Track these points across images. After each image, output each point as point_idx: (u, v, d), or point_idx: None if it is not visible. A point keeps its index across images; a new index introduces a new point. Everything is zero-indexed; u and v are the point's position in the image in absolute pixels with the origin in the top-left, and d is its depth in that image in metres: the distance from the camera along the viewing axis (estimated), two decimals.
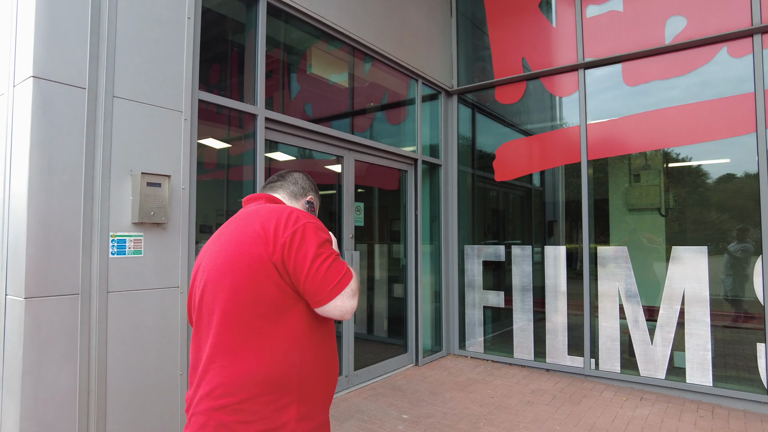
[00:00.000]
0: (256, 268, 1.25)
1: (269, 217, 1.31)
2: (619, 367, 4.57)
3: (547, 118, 5.29)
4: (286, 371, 1.24)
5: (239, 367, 1.23)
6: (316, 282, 1.25)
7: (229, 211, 3.83)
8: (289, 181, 1.62)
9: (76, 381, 2.41)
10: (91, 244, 2.50)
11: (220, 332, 1.26)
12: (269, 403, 1.23)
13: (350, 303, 1.29)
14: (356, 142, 4.47)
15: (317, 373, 1.31)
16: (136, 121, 2.73)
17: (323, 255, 1.28)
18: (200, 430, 1.24)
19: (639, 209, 4.69)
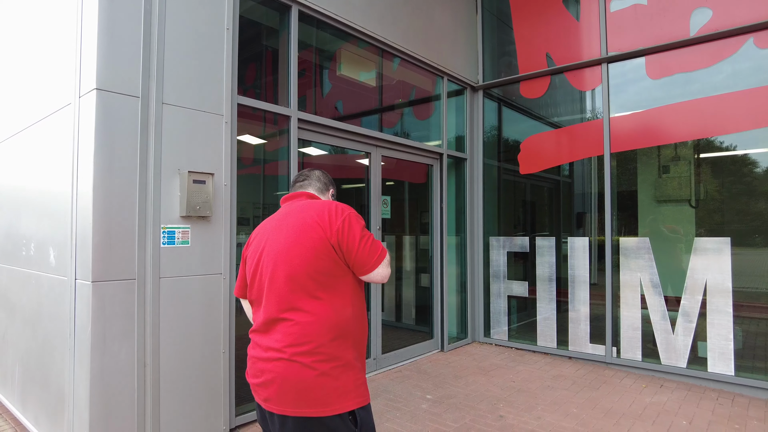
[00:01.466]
0: (319, 248, 1.63)
1: (322, 209, 1.70)
2: (641, 355, 4.67)
3: (571, 112, 5.37)
4: (345, 321, 1.64)
5: (312, 321, 1.60)
6: (364, 255, 1.67)
7: (265, 204, 4.15)
8: (314, 179, 1.98)
9: (134, 355, 2.77)
10: (145, 235, 2.84)
11: (290, 298, 1.62)
12: (337, 346, 1.61)
13: (388, 270, 1.73)
14: (382, 138, 4.70)
15: (361, 323, 1.73)
16: (183, 124, 3.04)
17: (366, 236, 1.69)
18: (286, 371, 1.58)
19: (668, 201, 4.74)
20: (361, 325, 1.73)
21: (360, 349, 1.71)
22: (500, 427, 3.44)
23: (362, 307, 1.75)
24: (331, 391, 1.57)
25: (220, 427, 3.17)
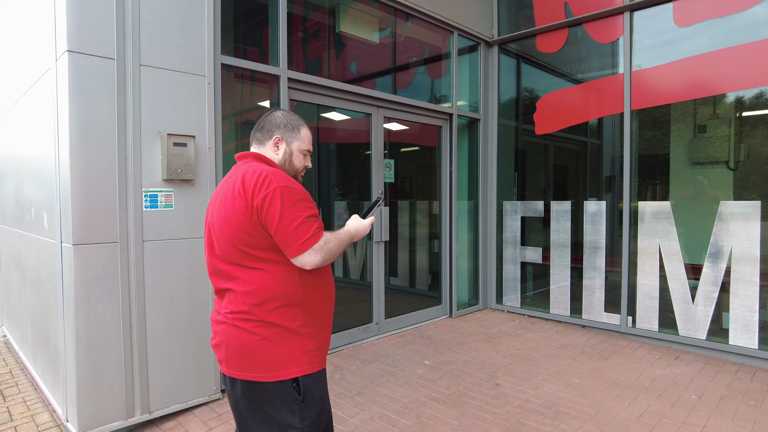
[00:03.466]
0: (243, 222, 1.52)
1: (248, 180, 1.54)
2: (657, 325, 4.43)
3: (590, 68, 4.99)
4: (291, 290, 1.57)
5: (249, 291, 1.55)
6: (284, 238, 1.52)
7: None
8: (258, 128, 1.78)
9: (119, 317, 2.81)
10: (126, 198, 2.84)
11: (225, 269, 1.60)
12: (281, 314, 1.56)
13: (317, 258, 1.55)
14: (384, 98, 4.52)
15: (316, 291, 1.64)
16: (162, 86, 2.98)
17: (291, 216, 1.52)
18: (230, 334, 1.58)
19: (703, 162, 4.37)
20: (316, 293, 1.64)
21: (314, 317, 1.63)
22: (494, 395, 3.35)
23: (322, 275, 1.66)
24: (273, 357, 1.55)
25: (211, 387, 3.22)
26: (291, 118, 1.76)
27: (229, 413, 3.06)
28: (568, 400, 3.29)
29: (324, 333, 1.69)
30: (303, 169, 1.80)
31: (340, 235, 1.65)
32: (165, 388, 3.00)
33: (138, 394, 2.87)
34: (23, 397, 3.47)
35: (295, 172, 1.76)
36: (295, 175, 1.76)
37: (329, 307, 1.72)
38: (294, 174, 1.75)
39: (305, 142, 1.77)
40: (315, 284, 1.63)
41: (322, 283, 1.67)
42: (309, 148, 1.78)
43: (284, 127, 1.74)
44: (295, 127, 1.75)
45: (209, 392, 3.21)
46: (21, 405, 3.35)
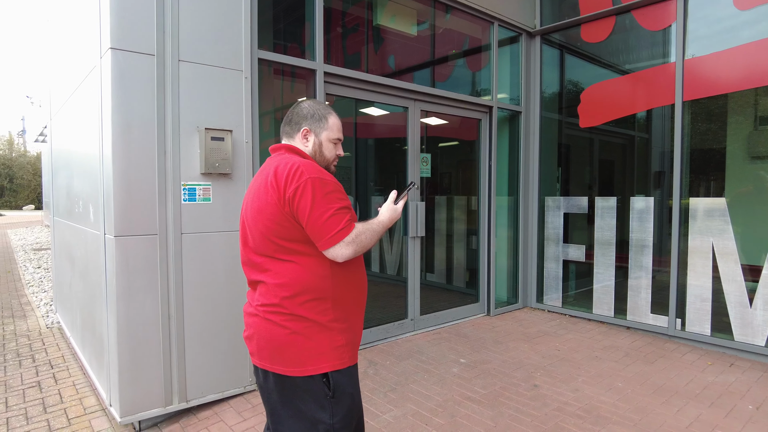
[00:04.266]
0: (276, 214, 1.52)
1: (281, 172, 1.54)
2: (710, 329, 4.18)
3: (637, 57, 4.73)
4: (322, 283, 1.55)
5: (280, 283, 1.55)
6: (315, 231, 1.51)
7: None
8: (286, 121, 1.75)
9: (158, 307, 2.89)
10: (165, 192, 2.90)
11: (258, 261, 1.60)
12: (311, 307, 1.55)
13: (344, 251, 1.53)
14: (421, 91, 4.44)
15: (347, 286, 1.61)
16: (201, 81, 3.03)
17: (322, 208, 1.50)
18: (261, 327, 1.59)
19: (765, 157, 4.07)
20: (348, 287, 1.62)
21: (345, 312, 1.60)
22: (531, 396, 3.25)
23: (353, 269, 1.63)
24: (303, 351, 1.54)
25: (246, 378, 3.27)
26: (318, 108, 1.71)
27: (263, 405, 3.10)
28: (610, 404, 3.14)
29: (355, 328, 1.65)
30: (335, 159, 1.75)
31: (373, 225, 1.61)
32: (201, 378, 3.06)
33: (176, 383, 2.94)
34: (73, 381, 3.63)
35: (327, 163, 1.72)
36: (327, 166, 1.71)
37: (361, 301, 1.69)
38: (326, 165, 1.72)
39: (334, 131, 1.71)
40: (346, 278, 1.61)
41: (354, 278, 1.64)
42: (339, 137, 1.72)
43: (311, 118, 1.70)
44: (323, 116, 1.70)
45: (244, 383, 3.26)
46: (71, 388, 3.50)
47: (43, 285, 7.60)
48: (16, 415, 3.11)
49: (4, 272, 9.26)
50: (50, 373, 3.81)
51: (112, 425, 2.92)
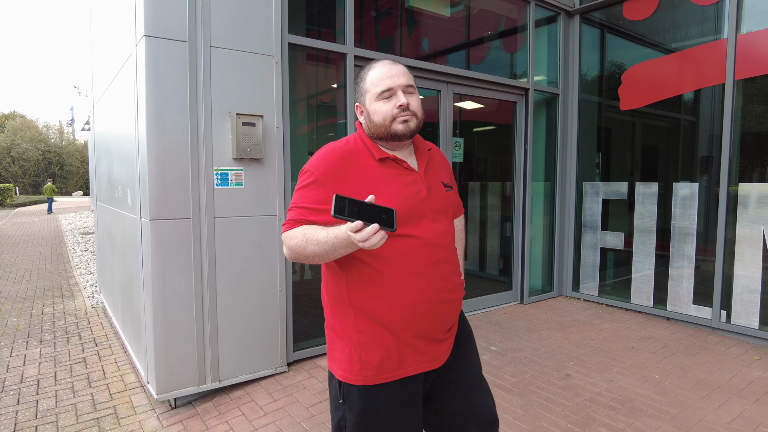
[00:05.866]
0: None
1: None
2: (758, 322, 3.97)
3: (684, 35, 4.47)
4: (338, 289, 1.42)
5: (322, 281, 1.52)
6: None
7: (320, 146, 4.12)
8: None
9: (191, 289, 2.96)
10: (198, 176, 2.96)
11: None
12: (336, 313, 1.45)
13: (285, 249, 1.37)
14: (453, 74, 4.35)
15: (368, 293, 1.36)
16: (232, 67, 3.06)
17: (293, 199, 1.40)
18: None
19: None
20: (374, 297, 1.36)
21: (372, 324, 1.37)
22: (563, 386, 3.18)
23: (377, 276, 1.35)
24: (329, 344, 1.50)
25: (278, 360, 3.33)
26: (358, 76, 1.47)
27: (293, 386, 3.16)
28: (646, 396, 3.04)
29: (386, 344, 1.37)
30: (395, 114, 1.36)
31: (319, 233, 1.24)
32: (234, 359, 3.14)
33: (209, 363, 3.03)
34: (115, 359, 3.80)
35: (386, 127, 1.38)
36: (388, 131, 1.38)
37: (401, 316, 1.36)
38: (385, 129, 1.38)
39: (375, 84, 1.38)
40: (369, 286, 1.36)
41: (384, 286, 1.35)
42: (384, 88, 1.37)
43: (355, 92, 1.48)
44: (361, 80, 1.44)
45: (275, 365, 3.33)
46: (113, 365, 3.67)
47: (90, 267, 7.97)
48: (63, 388, 3.28)
49: (55, 255, 9.75)
50: (95, 350, 3.99)
51: (150, 401, 3.04)
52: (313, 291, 4.25)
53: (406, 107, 1.37)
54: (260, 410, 2.88)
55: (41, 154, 42.42)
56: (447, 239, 1.46)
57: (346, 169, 1.37)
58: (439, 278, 1.39)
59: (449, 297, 1.43)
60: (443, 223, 1.46)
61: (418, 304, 1.37)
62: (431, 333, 1.42)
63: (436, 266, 1.39)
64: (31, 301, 5.74)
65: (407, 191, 1.39)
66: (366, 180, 1.36)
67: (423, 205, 1.40)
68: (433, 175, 1.50)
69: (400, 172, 1.42)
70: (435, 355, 1.44)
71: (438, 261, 1.40)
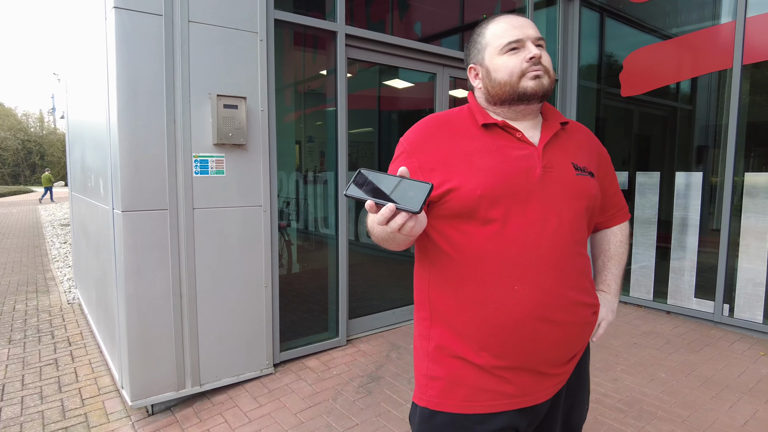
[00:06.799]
0: None
1: None
2: (762, 316, 3.85)
3: (689, 19, 4.29)
4: (425, 292, 1.19)
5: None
6: None
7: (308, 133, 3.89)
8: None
9: (169, 285, 2.73)
10: (175, 163, 2.71)
11: None
12: (423, 325, 1.20)
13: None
14: (450, 56, 4.12)
15: (452, 297, 1.11)
16: (212, 44, 2.80)
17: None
18: None
19: None
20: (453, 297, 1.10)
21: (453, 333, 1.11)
22: None
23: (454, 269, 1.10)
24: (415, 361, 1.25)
25: (263, 361, 3.12)
26: (473, 32, 1.23)
27: (280, 390, 2.94)
28: (654, 397, 2.89)
29: (458, 363, 1.10)
30: (524, 69, 1.10)
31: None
32: (216, 361, 2.91)
33: (189, 366, 2.80)
34: (89, 359, 3.55)
35: (513, 85, 1.11)
36: (515, 89, 1.11)
37: (479, 330, 1.08)
38: (512, 87, 1.11)
39: (497, 37, 1.13)
40: (448, 282, 1.11)
41: (464, 285, 1.08)
42: (511, 39, 1.11)
43: (468, 50, 1.23)
44: (478, 35, 1.19)
45: (261, 366, 3.11)
46: (86, 367, 3.42)
47: (68, 260, 7.64)
48: (30, 393, 3.03)
49: (32, 247, 9.39)
50: (68, 350, 3.74)
51: (125, 407, 2.81)
52: (302, 285, 4.03)
53: (538, 60, 1.10)
54: (244, 417, 2.66)
55: (21, 144, 41.39)
56: (567, 238, 1.09)
57: (435, 137, 1.14)
58: (543, 289, 1.05)
59: (556, 317, 1.07)
60: (565, 216, 1.09)
61: (504, 319, 1.05)
62: (522, 361, 1.08)
63: (540, 271, 1.05)
64: (3, 297, 5.44)
65: (511, 166, 1.07)
66: (459, 150, 1.10)
67: (533, 187, 1.07)
68: (560, 153, 1.14)
69: (510, 143, 1.12)
70: (527, 391, 1.10)
71: (543, 264, 1.05)
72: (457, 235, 1.08)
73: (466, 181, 1.05)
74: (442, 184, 1.07)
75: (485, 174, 1.05)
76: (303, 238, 4.25)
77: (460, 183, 1.05)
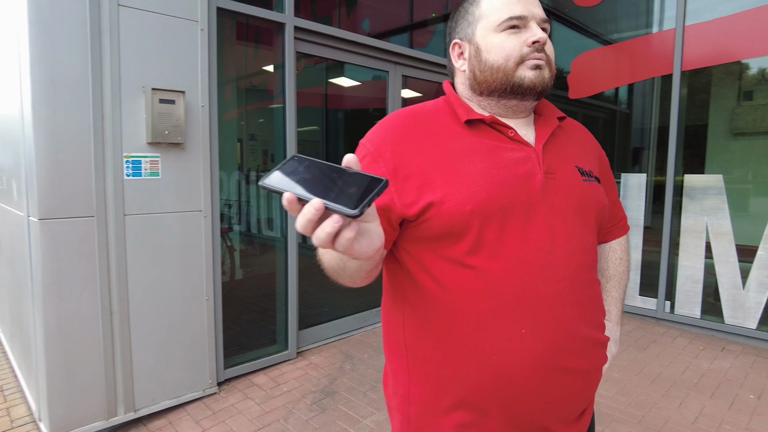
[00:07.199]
0: None
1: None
2: (700, 312, 4.01)
3: (636, 24, 4.42)
4: (390, 328, 0.97)
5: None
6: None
7: (251, 132, 3.65)
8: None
9: (97, 301, 2.42)
10: (104, 165, 2.41)
11: None
12: (391, 375, 0.99)
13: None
14: (403, 54, 4.00)
15: (437, 346, 0.87)
16: (146, 32, 2.51)
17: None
18: None
19: (748, 134, 3.92)
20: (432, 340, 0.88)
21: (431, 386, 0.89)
22: None
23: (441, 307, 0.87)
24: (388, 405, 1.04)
25: (206, 380, 2.86)
26: (460, 6, 1.01)
27: (225, 411, 2.70)
28: (609, 398, 2.90)
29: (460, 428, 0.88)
30: (524, 54, 0.90)
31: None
32: (153, 383, 2.63)
33: (121, 390, 2.50)
34: (2, 385, 3.13)
35: (508, 72, 0.90)
36: (509, 78, 0.90)
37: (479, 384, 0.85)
38: (506, 75, 0.90)
39: (496, 9, 0.91)
40: (432, 323, 0.88)
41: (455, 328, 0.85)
42: (513, 14, 0.90)
43: (454, 22, 1.00)
44: (470, 3, 0.97)
45: (203, 386, 2.85)
46: None
47: None
48: None
49: None
50: None
51: None
52: (245, 292, 3.77)
53: (541, 46, 0.90)
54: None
55: None
56: (580, 261, 0.88)
57: (408, 136, 0.89)
58: (558, 330, 0.84)
59: (575, 364, 0.86)
60: (576, 234, 0.89)
61: (508, 373, 0.83)
62: (528, 421, 0.86)
63: (552, 307, 0.84)
64: None
65: (507, 172, 0.86)
66: (440, 152, 0.87)
67: (535, 198, 0.86)
68: (561, 154, 0.95)
69: (501, 143, 0.90)
70: None
71: (556, 298, 0.84)
72: (442, 264, 0.85)
73: (452, 193, 0.83)
74: (419, 197, 0.84)
75: (476, 183, 0.84)
76: (247, 242, 3.99)
77: (444, 195, 0.83)
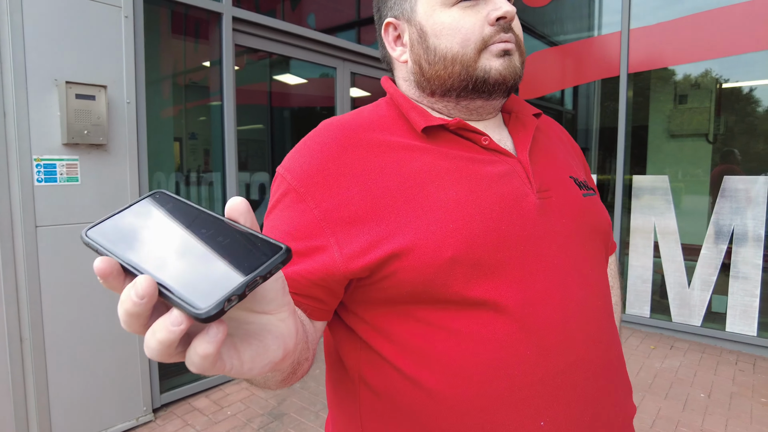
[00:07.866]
0: None
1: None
2: (649, 311, 4.08)
3: (583, 26, 4.46)
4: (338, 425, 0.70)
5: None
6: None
7: (191, 131, 3.37)
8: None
9: (4, 328, 2.09)
10: (8, 169, 2.08)
11: None
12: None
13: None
14: (352, 50, 3.82)
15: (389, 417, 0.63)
16: (59, 17, 2.20)
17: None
18: None
19: (682, 135, 4.05)
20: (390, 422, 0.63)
21: None
22: None
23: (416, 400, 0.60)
24: None
25: (140, 408, 2.56)
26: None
27: None
28: None
29: None
30: (486, 36, 0.64)
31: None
32: (75, 416, 2.31)
33: (35, 428, 2.18)
34: None
35: (467, 63, 0.65)
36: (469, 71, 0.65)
37: None
38: (465, 66, 0.65)
39: None
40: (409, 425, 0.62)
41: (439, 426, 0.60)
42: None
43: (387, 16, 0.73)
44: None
45: (137, 414, 2.55)
46: None
47: None
48: None
49: None
50: None
51: None
52: None
53: (508, 24, 0.65)
54: None
55: None
56: (598, 308, 0.65)
57: (345, 159, 0.63)
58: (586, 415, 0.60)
59: None
60: (587, 271, 0.66)
61: None
62: None
63: (577, 383, 0.59)
64: None
65: (491, 196, 0.62)
66: (392, 177, 0.61)
67: (532, 229, 0.62)
68: (551, 164, 0.71)
69: (476, 154, 0.65)
70: None
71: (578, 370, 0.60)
72: (418, 332, 0.59)
73: (421, 237, 0.58)
74: (372, 246, 0.58)
75: (451, 217, 0.59)
76: None
77: (414, 240, 0.57)
